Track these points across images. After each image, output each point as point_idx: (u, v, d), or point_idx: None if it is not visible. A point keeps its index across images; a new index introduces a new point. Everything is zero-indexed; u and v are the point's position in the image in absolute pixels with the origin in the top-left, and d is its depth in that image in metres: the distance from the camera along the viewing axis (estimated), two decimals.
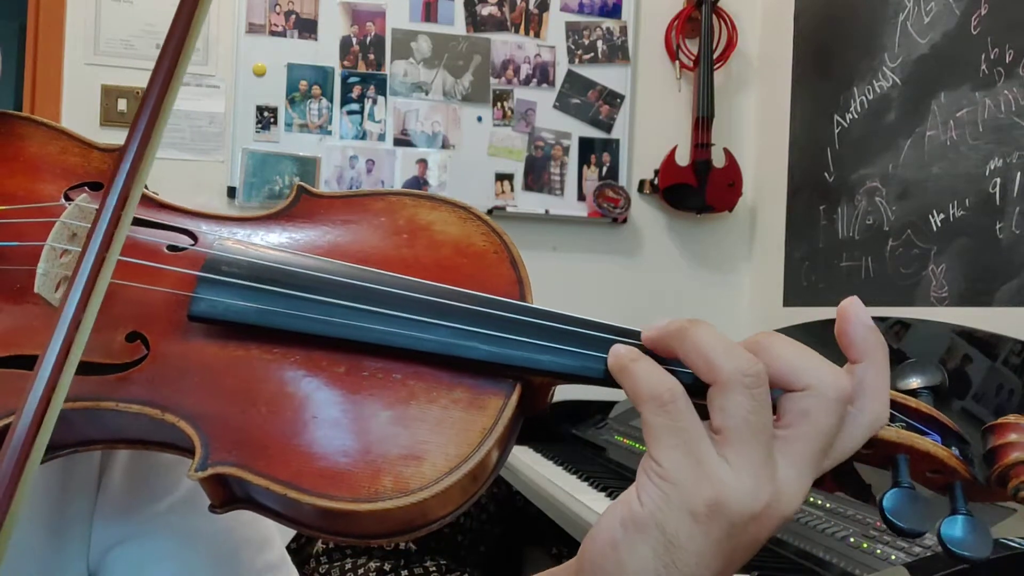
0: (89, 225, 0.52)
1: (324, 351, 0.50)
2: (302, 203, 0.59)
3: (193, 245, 0.55)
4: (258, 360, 0.50)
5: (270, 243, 0.56)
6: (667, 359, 0.47)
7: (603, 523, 0.46)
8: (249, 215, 0.58)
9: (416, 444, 0.47)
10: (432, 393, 0.49)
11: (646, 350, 0.48)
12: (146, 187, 0.60)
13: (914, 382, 0.51)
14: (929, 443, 0.48)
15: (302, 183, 0.60)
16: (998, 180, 1.81)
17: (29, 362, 0.49)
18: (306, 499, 0.45)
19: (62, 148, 0.61)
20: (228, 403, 0.49)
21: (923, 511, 0.46)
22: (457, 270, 0.54)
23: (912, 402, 0.49)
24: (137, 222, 0.56)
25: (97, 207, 0.49)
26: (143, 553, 0.63)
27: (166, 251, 0.55)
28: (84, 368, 0.46)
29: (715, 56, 2.76)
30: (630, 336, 0.49)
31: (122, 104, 2.52)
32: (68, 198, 0.57)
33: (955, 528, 0.46)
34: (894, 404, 0.48)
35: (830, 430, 0.44)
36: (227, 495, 0.49)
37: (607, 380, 0.49)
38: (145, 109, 0.45)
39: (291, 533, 1.16)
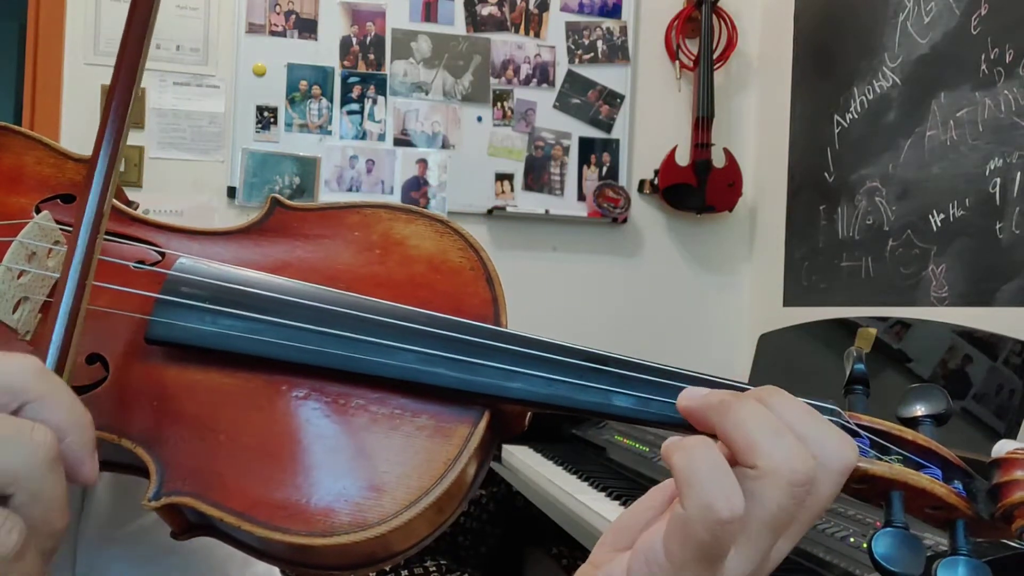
0: (47, 244, 0.51)
1: (285, 376, 0.49)
2: (275, 216, 0.58)
3: (159, 263, 0.54)
4: (218, 384, 0.49)
5: (239, 259, 0.55)
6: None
7: None
8: (222, 229, 0.57)
9: (376, 475, 0.45)
10: (395, 420, 0.47)
11: (627, 382, 0.47)
12: (129, 202, 0.60)
13: (917, 410, 0.48)
14: (925, 479, 0.45)
15: (276, 195, 0.59)
16: (998, 180, 1.81)
17: None
18: (261, 532, 0.44)
19: (37, 159, 0.60)
20: (186, 429, 0.47)
21: (916, 552, 0.43)
22: (430, 287, 0.53)
23: (909, 434, 0.47)
24: (106, 237, 0.55)
25: (56, 225, 0.48)
26: (127, 570, 0.63)
27: (132, 268, 0.54)
28: None
29: (715, 56, 2.76)
30: (602, 362, 0.48)
31: None
32: (39, 211, 0.56)
33: (955, 572, 0.43)
34: (890, 437, 0.47)
35: (781, 516, 0.40)
36: (185, 523, 0.48)
37: (580, 409, 0.47)
38: (104, 143, 0.45)
39: None
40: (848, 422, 0.46)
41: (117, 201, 0.59)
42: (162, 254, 0.55)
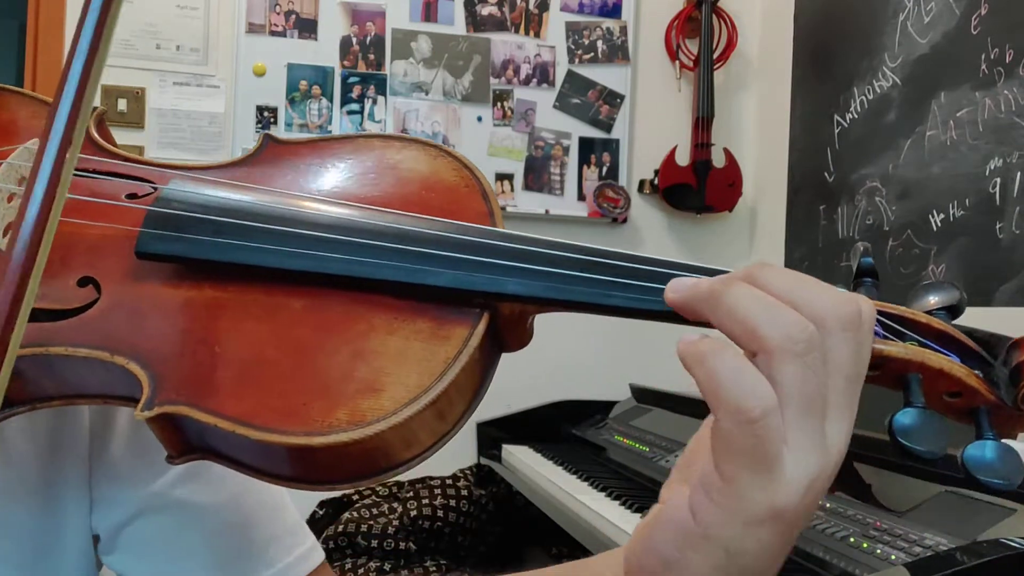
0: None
1: (281, 285, 0.48)
2: (268, 150, 0.58)
3: (152, 193, 0.54)
4: (212, 299, 0.48)
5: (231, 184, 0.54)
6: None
7: (651, 542, 0.42)
8: (214, 163, 0.57)
9: (375, 376, 0.44)
10: (393, 324, 0.46)
11: (627, 274, 0.46)
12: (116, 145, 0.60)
13: (931, 301, 0.45)
14: (943, 359, 0.42)
15: (269, 132, 0.59)
16: (998, 180, 1.81)
17: None
18: (257, 435, 0.43)
19: (33, 112, 0.61)
20: (179, 343, 0.47)
21: (938, 431, 0.39)
22: (425, 204, 0.52)
23: (923, 318, 0.44)
24: (101, 173, 0.55)
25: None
26: (156, 528, 0.63)
27: (124, 199, 0.54)
28: (36, 315, 0.45)
29: (715, 56, 2.76)
30: (600, 256, 0.47)
31: (122, 104, 2.52)
32: None
33: (984, 450, 0.40)
34: (904, 321, 0.44)
35: (808, 392, 0.37)
36: (181, 441, 0.47)
37: (580, 304, 0.46)
38: (79, 51, 0.44)
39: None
40: None
41: (109, 146, 0.59)
42: (155, 188, 0.55)
